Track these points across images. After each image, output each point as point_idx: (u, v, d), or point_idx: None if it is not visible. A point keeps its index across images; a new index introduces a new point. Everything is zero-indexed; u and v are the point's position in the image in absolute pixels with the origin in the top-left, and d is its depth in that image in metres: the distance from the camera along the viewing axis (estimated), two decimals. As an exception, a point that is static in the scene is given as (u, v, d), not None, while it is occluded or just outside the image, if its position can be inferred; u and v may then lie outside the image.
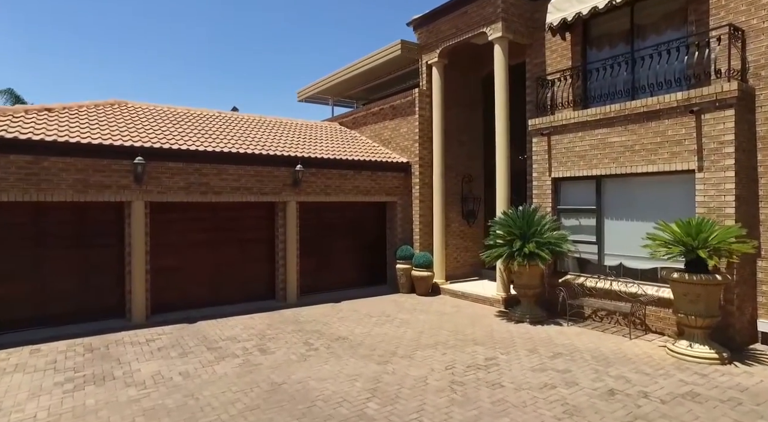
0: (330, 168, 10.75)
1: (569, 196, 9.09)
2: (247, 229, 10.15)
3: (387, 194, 11.77)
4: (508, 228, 8.72)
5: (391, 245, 12.11)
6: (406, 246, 11.47)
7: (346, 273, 11.69)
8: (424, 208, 11.77)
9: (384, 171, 11.66)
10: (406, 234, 11.95)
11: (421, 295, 11.15)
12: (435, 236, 11.50)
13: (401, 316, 9.13)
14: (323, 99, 16.76)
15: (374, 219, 12.19)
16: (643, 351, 6.66)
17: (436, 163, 11.45)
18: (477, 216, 12.58)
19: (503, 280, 9.82)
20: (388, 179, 11.76)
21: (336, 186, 10.87)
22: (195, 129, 10.16)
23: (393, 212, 12.07)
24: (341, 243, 11.58)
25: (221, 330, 8.02)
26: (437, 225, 11.46)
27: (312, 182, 10.51)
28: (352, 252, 11.79)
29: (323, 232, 11.27)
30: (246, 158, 9.50)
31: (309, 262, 10.96)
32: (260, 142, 10.41)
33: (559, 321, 8.44)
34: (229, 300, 9.81)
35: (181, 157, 8.73)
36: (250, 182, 9.65)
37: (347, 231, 11.68)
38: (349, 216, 11.73)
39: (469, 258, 12.78)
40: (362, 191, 11.31)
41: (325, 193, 10.69)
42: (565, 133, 8.88)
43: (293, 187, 10.21)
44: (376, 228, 12.22)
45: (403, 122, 12.13)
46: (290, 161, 10.06)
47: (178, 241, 9.28)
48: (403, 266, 11.34)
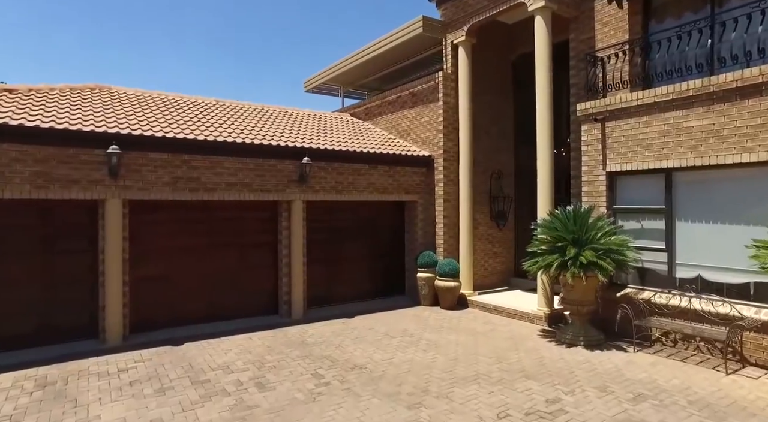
0: (342, 161, 9.33)
1: (629, 193, 7.59)
2: (245, 232, 8.75)
3: (406, 192, 10.32)
4: (556, 233, 7.24)
5: (411, 251, 10.66)
6: (428, 252, 10.02)
7: (360, 283, 10.26)
8: (448, 208, 10.31)
9: (403, 165, 10.23)
10: (428, 239, 10.50)
11: (447, 309, 9.69)
12: (462, 240, 10.04)
13: (427, 336, 7.67)
14: (332, 89, 15.37)
15: (391, 221, 10.76)
16: (755, 394, 5.14)
17: (463, 156, 9.99)
18: (508, 217, 11.10)
19: (546, 293, 8.34)
20: (407, 175, 10.32)
21: (348, 182, 9.45)
22: (186, 116, 8.79)
23: (413, 213, 10.63)
24: (354, 249, 10.16)
25: (212, 356, 6.61)
26: (464, 228, 9.99)
27: (321, 178, 9.09)
28: (366, 258, 10.36)
29: (333, 236, 9.86)
30: (244, 149, 8.11)
31: (317, 270, 9.54)
32: (261, 132, 9.02)
33: (620, 345, 6.95)
34: (224, 316, 8.41)
35: (166, 147, 7.35)
36: (249, 177, 8.25)
37: (360, 235, 10.26)
38: (363, 218, 10.30)
39: (498, 266, 11.30)
40: (378, 189, 9.88)
41: (336, 190, 9.27)
42: (625, 118, 7.39)
43: (299, 184, 8.80)
44: (394, 232, 10.78)
45: (425, 110, 10.69)
46: (296, 153, 8.65)
47: (164, 247, 7.89)
48: (425, 275, 9.89)
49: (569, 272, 6.80)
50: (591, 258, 6.66)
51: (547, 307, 8.31)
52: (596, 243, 6.93)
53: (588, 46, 8.62)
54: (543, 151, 8.39)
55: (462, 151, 10.01)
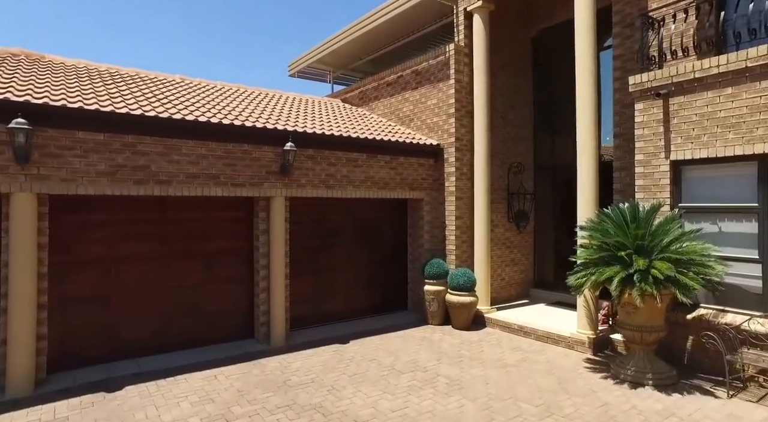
0: (334, 149, 7.58)
1: (702, 187, 5.99)
2: (212, 238, 6.95)
3: (410, 188, 8.61)
4: (614, 238, 5.60)
5: (415, 258, 8.95)
6: (436, 260, 8.31)
7: (355, 298, 8.51)
8: (461, 207, 8.62)
9: (407, 156, 8.51)
10: (436, 244, 8.79)
11: (461, 329, 7.99)
12: (478, 246, 8.35)
13: (445, 371, 5.96)
14: (321, 73, 13.60)
15: (392, 223, 9.03)
16: None
17: (479, 145, 8.31)
18: (529, 218, 9.46)
19: (589, 312, 6.70)
20: (412, 168, 8.61)
21: (342, 175, 7.69)
22: (139, 92, 6.95)
23: (418, 213, 8.92)
24: (348, 257, 8.40)
25: (159, 408, 4.80)
26: (481, 231, 8.31)
27: (308, 169, 7.33)
28: (363, 268, 8.62)
29: (323, 241, 8.09)
30: (209, 129, 6.31)
31: (303, 283, 7.78)
32: (234, 112, 7.22)
33: (702, 386, 5.32)
34: (182, 344, 6.60)
35: (101, 125, 5.52)
36: (217, 167, 6.45)
37: (356, 240, 8.51)
38: (359, 220, 8.56)
39: (516, 275, 9.65)
40: (377, 183, 8.14)
41: (326, 184, 7.51)
42: (699, 91, 5.78)
43: (281, 176, 7.03)
44: (395, 236, 9.05)
45: (432, 91, 8.99)
46: (276, 137, 6.88)
47: (102, 257, 6.05)
48: (433, 288, 8.18)
49: (636, 289, 5.15)
50: (668, 272, 5.02)
51: (591, 330, 6.67)
52: (668, 251, 5.30)
53: (638, 7, 7.01)
54: (585, 139, 6.75)
55: (478, 139, 8.33)
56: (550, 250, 9.79)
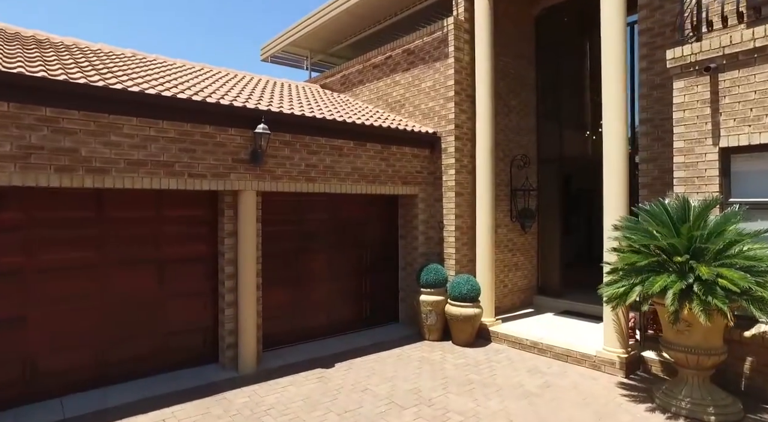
0: (315, 134, 6.36)
1: (760, 179, 5.06)
2: (166, 242, 5.62)
3: (403, 183, 7.45)
4: (664, 240, 4.58)
5: (408, 264, 7.80)
6: (434, 265, 7.18)
7: (339, 310, 7.30)
8: (462, 204, 7.52)
9: (400, 145, 7.35)
10: (432, 246, 7.67)
11: (463, 345, 6.88)
12: (480, 249, 7.26)
13: (455, 403, 4.83)
14: (297, 58, 12.31)
15: (381, 222, 7.86)
16: None
17: (483, 133, 7.23)
18: (535, 217, 8.43)
19: (620, 327, 5.69)
20: (405, 159, 7.46)
21: (325, 166, 6.47)
22: (72, 61, 5.57)
23: (411, 211, 7.77)
24: (331, 262, 7.18)
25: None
26: (484, 231, 7.23)
27: (285, 158, 6.09)
28: (348, 275, 7.41)
29: (303, 244, 6.85)
30: (161, 105, 5.00)
31: (279, 295, 6.53)
32: (193, 88, 5.91)
33: (773, 420, 4.36)
34: (127, 374, 5.26)
35: (4, 89, 4.15)
36: (170, 152, 5.14)
37: (340, 243, 7.30)
38: (344, 219, 7.35)
39: (519, 281, 8.62)
40: (366, 176, 6.96)
41: (307, 177, 6.28)
42: (760, 64, 4.85)
43: (251, 166, 5.77)
44: (384, 238, 7.88)
45: (427, 72, 7.86)
46: (246, 117, 5.63)
47: (15, 267, 4.67)
48: (431, 298, 7.04)
49: (697, 303, 4.14)
50: (742, 282, 4.02)
51: (622, 348, 5.66)
52: (735, 257, 4.32)
53: (670, -28, 6.07)
54: (614, 123, 5.74)
55: (481, 127, 7.25)
56: (556, 253, 8.81)
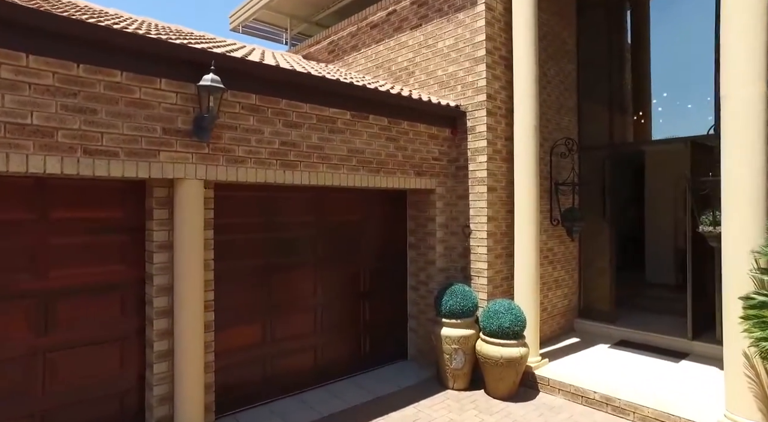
0: (297, 98, 4.32)
1: None
2: (57, 262, 3.53)
3: (417, 173, 5.46)
4: None
5: (420, 282, 5.82)
6: (459, 286, 5.22)
7: (329, 346, 5.26)
8: (495, 202, 5.57)
9: (412, 120, 5.37)
10: (453, 259, 5.72)
11: (503, 398, 4.92)
12: (521, 263, 5.31)
13: None
14: (275, 29, 10.24)
15: (383, 227, 5.85)
16: None
17: (524, 106, 5.31)
18: (582, 219, 6.51)
19: (759, 380, 3.81)
20: (420, 141, 5.48)
21: (310, 146, 4.44)
22: None
23: (425, 212, 5.80)
24: (317, 283, 5.15)
25: None
26: (527, 239, 5.29)
27: (250, 131, 4.04)
28: (340, 299, 5.38)
29: (276, 260, 4.81)
30: (28, 27, 2.93)
31: (241, 334, 4.49)
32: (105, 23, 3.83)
33: None
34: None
35: None
36: (51, 114, 3.07)
37: (330, 256, 5.26)
38: (335, 223, 5.33)
39: (559, 302, 6.73)
40: (368, 162, 4.95)
41: (282, 161, 4.24)
42: None
43: (195, 141, 3.72)
44: (388, 247, 5.88)
45: (446, 27, 5.90)
46: (187, 63, 3.59)
47: None
48: (456, 332, 5.07)
49: None
50: None
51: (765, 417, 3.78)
52: None
53: None
54: (744, 91, 3.87)
55: (521, 97, 5.33)
56: (606, 266, 6.93)
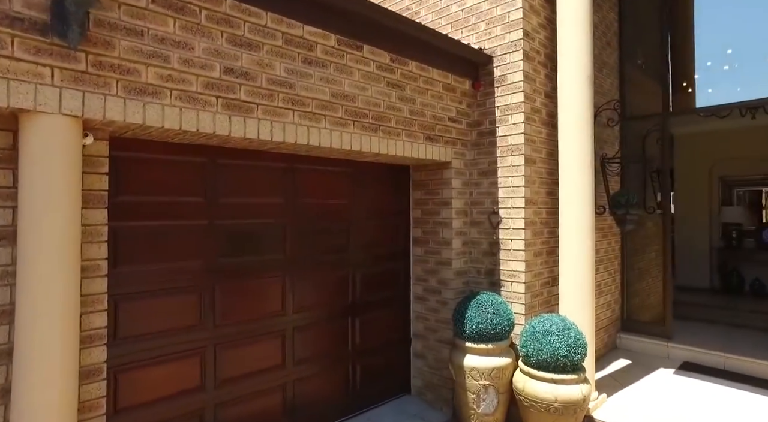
0: (253, 1, 2.77)
1: None
2: None
3: (427, 138, 3.91)
4: None
5: (430, 289, 4.27)
6: (486, 295, 3.71)
7: (305, 382, 3.64)
8: (534, 179, 4.06)
9: (423, 61, 3.81)
10: (476, 259, 4.20)
11: (557, 460, 3.40)
12: (571, 263, 3.81)
13: None
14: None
15: (378, 215, 4.28)
16: None
17: (575, 48, 3.84)
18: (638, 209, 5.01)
19: None
20: (432, 92, 3.91)
21: (274, 80, 2.85)
22: None
23: (437, 194, 4.25)
24: (288, 293, 3.53)
25: None
26: (578, 230, 3.80)
27: (165, 42, 2.44)
28: (321, 315, 3.78)
29: (224, 261, 3.19)
30: None
31: (159, 376, 2.85)
32: None
33: None
34: None
35: None
36: None
37: (305, 255, 3.66)
38: (312, 208, 3.74)
39: (601, 312, 5.25)
40: (361, 115, 3.37)
41: (225, 99, 2.65)
42: None
43: (55, 40, 2.09)
44: (384, 242, 4.31)
45: (465, -57, 4.40)
46: None
47: None
48: (485, 361, 3.54)
49: None
50: None
51: None
52: None
53: None
54: None
55: (570, 36, 3.86)
56: (659, 268, 5.53)
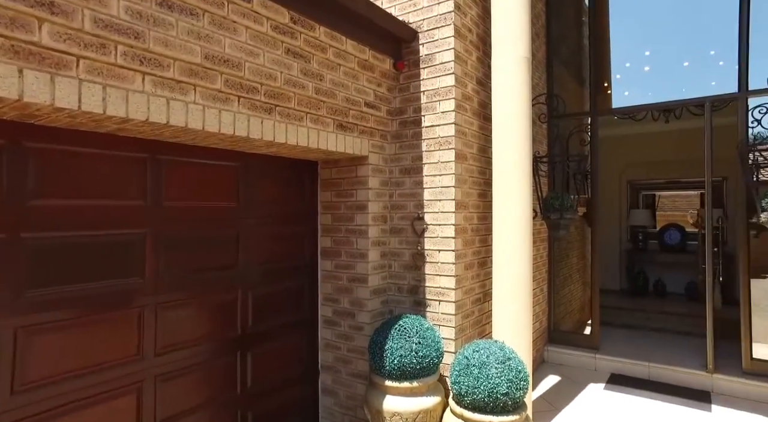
0: None
1: None
2: None
3: (339, 126, 3.14)
4: None
5: (342, 311, 3.50)
6: (409, 319, 3.04)
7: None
8: (465, 179, 3.45)
9: (335, 28, 3.02)
10: (397, 274, 3.50)
11: None
12: (509, 277, 3.27)
13: None
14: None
15: (276, 221, 3.43)
16: None
17: (513, 25, 3.30)
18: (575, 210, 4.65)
19: None
20: (346, 69, 3.13)
21: (104, 23, 1.92)
22: None
23: (348, 197, 3.49)
24: (140, 330, 2.58)
25: None
26: (517, 237, 3.27)
27: None
28: (192, 356, 2.85)
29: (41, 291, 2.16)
30: None
31: None
32: None
33: None
34: None
35: None
36: None
37: (172, 277, 2.72)
38: (182, 215, 2.80)
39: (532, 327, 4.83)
40: (247, 90, 2.52)
41: (17, 44, 1.68)
42: None
43: None
44: (284, 256, 3.46)
45: None
46: None
47: None
48: (409, 404, 2.86)
49: None
50: None
51: None
52: None
53: None
54: None
55: (504, 14, 3.31)
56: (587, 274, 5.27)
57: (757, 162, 4.26)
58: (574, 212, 4.25)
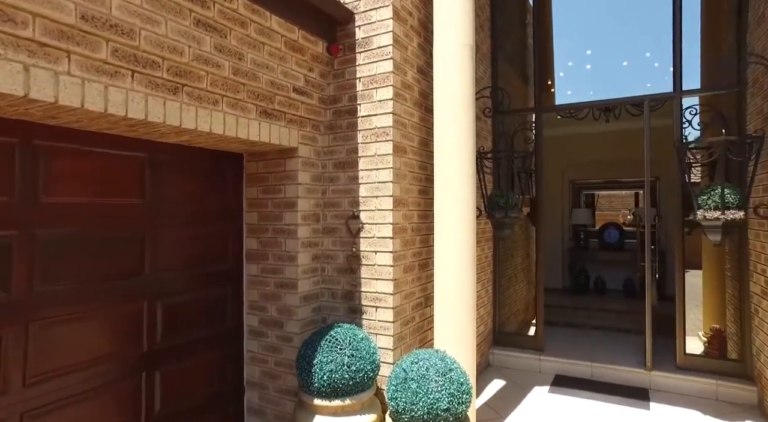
0: None
1: None
2: None
3: (264, 113, 2.79)
4: None
5: (270, 321, 3.15)
6: (342, 329, 2.73)
7: None
8: (404, 174, 3.20)
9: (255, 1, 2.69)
10: (330, 278, 3.19)
11: None
12: (452, 280, 3.04)
13: None
14: None
15: (194, 221, 3.02)
16: None
17: (455, 10, 3.08)
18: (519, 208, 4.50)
19: None
20: (272, 48, 2.78)
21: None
22: None
23: (276, 194, 3.14)
24: (9, 358, 2.12)
25: None
26: (460, 236, 3.04)
27: None
28: (83, 381, 2.41)
29: None
30: None
31: None
32: None
33: None
34: None
35: None
36: None
37: (59, 287, 2.28)
38: (73, 213, 2.35)
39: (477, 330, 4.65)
40: (146, 64, 2.13)
41: None
42: None
43: None
44: (205, 259, 3.07)
45: None
46: None
47: None
48: (346, 425, 2.56)
49: None
50: None
51: None
52: None
53: None
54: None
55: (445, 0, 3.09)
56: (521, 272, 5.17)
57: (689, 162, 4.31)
58: (519, 211, 4.11)
